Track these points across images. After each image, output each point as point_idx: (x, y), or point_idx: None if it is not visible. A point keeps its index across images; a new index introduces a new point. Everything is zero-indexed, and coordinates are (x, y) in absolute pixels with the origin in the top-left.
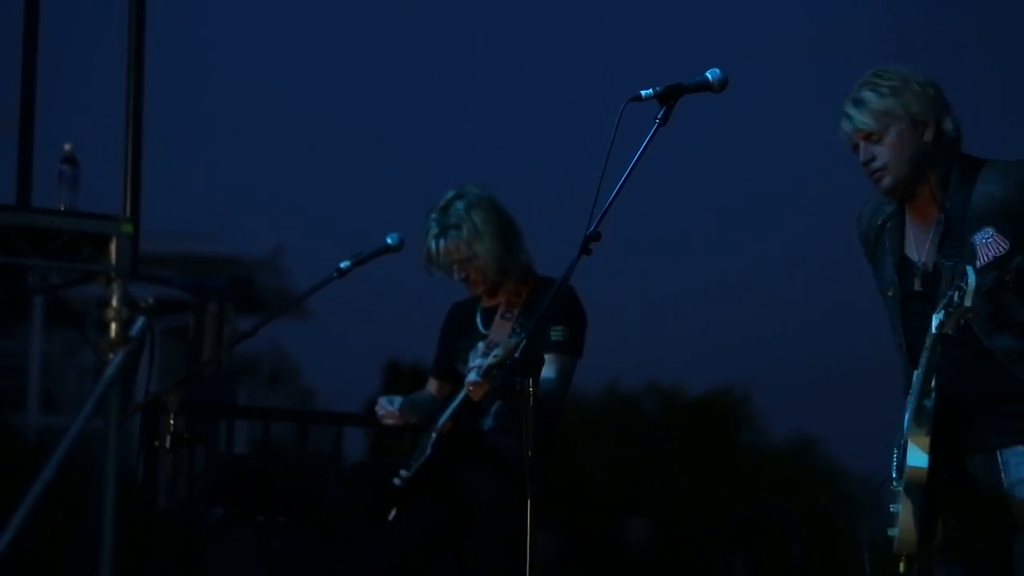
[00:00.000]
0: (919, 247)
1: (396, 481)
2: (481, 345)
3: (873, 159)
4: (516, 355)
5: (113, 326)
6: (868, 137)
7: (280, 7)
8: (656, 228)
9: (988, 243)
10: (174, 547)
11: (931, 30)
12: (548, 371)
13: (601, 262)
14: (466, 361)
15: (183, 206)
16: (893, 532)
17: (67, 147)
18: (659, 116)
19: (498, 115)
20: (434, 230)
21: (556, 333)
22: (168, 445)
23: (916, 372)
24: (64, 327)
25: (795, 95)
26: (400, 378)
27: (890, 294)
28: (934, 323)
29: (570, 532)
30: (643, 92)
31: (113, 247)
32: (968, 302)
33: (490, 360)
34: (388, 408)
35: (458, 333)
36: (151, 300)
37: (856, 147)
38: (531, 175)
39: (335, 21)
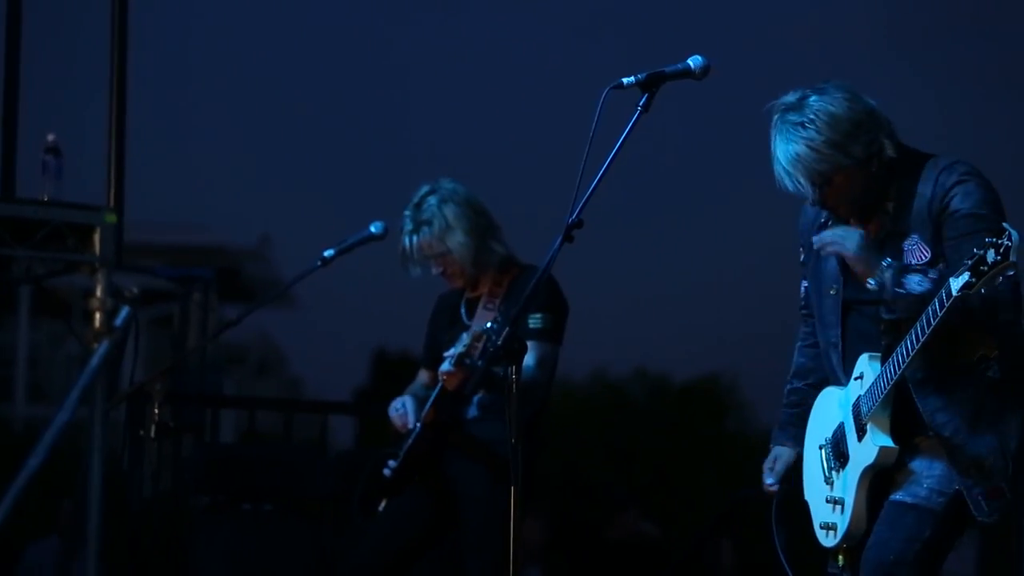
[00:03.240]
0: None
1: (386, 472)
2: (465, 336)
3: (823, 202)
4: (498, 343)
5: (98, 316)
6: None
7: None
8: (644, 217)
9: (912, 250)
10: (160, 536)
11: (928, 16)
12: (527, 358)
13: (588, 250)
14: None
15: (169, 196)
16: (835, 520)
17: (51, 137)
18: (641, 103)
19: (481, 104)
20: (408, 227)
21: (535, 320)
22: (154, 434)
23: (866, 355)
24: (50, 317)
25: (792, 83)
26: (387, 367)
27: (832, 292)
28: (955, 286)
29: (557, 520)
30: (625, 80)
31: (97, 237)
32: (1013, 257)
33: (459, 348)
34: (400, 420)
35: (444, 324)
36: (136, 290)
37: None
38: (514, 163)
39: (320, 11)
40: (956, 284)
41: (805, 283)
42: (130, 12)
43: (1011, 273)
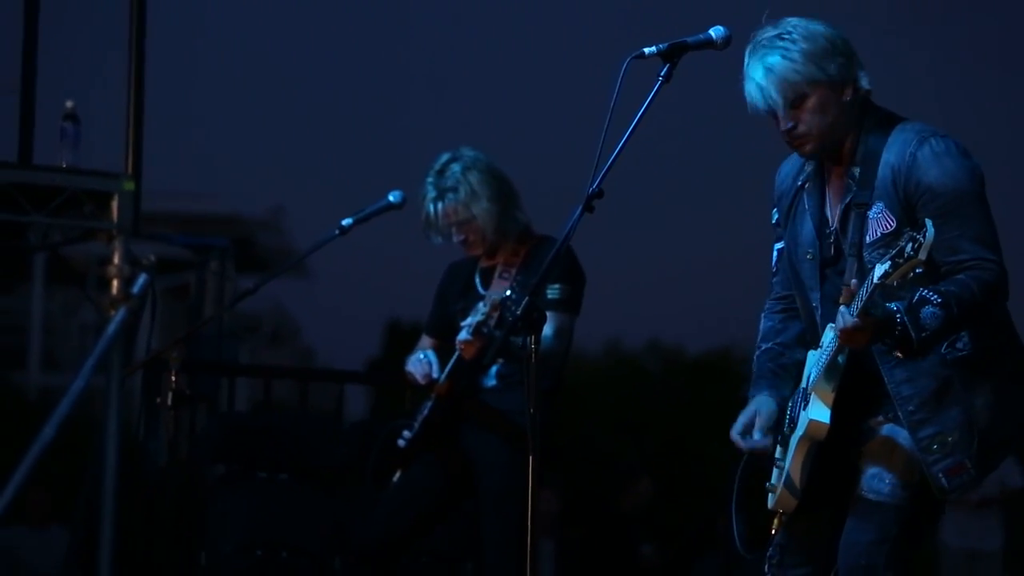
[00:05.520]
0: (833, 212)
1: (400, 442)
2: (482, 305)
3: (794, 127)
4: (517, 312)
5: (115, 283)
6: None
7: None
8: (660, 188)
9: (878, 218)
10: (175, 505)
11: None
12: (545, 328)
13: (604, 221)
14: None
15: (185, 165)
16: (775, 483)
17: (69, 105)
18: (663, 74)
19: (500, 73)
20: (431, 194)
21: (553, 291)
22: (170, 403)
23: (831, 324)
24: (65, 285)
25: None
26: (401, 337)
27: (809, 256)
28: (877, 272)
29: (570, 491)
30: (646, 50)
31: (115, 204)
32: (923, 255)
33: (478, 317)
34: (423, 369)
35: (457, 293)
36: (152, 258)
37: (773, 115)
38: (534, 133)
39: None
40: (879, 271)
41: (779, 245)
42: None
43: (919, 271)
